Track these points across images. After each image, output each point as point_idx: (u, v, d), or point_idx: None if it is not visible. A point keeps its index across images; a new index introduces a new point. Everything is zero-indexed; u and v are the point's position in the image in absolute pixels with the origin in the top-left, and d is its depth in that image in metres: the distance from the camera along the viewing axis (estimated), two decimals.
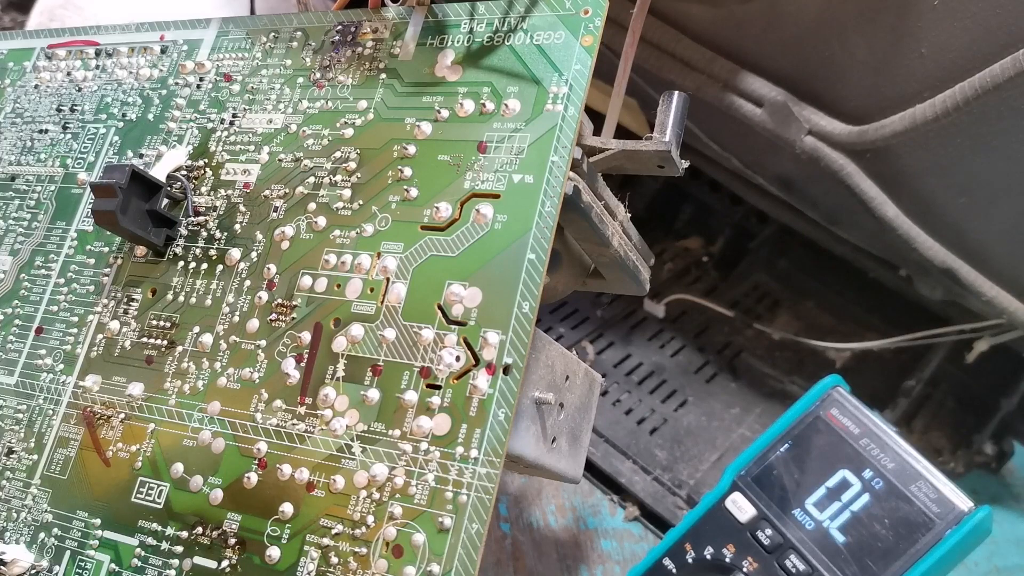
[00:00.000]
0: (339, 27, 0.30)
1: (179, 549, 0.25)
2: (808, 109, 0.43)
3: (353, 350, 0.25)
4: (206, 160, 0.31)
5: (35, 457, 0.29)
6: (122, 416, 0.28)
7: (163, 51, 0.34)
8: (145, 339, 0.29)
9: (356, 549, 0.23)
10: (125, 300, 0.30)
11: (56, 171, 0.34)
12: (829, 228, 0.54)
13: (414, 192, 0.26)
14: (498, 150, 0.25)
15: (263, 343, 0.27)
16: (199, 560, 0.25)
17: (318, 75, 0.30)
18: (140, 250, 0.31)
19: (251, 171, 0.30)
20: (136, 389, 0.28)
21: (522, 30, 0.26)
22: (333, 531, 0.23)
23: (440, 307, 0.24)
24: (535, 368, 0.26)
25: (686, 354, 0.61)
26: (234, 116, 0.31)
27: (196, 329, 0.28)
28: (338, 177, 0.28)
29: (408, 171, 0.26)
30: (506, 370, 0.23)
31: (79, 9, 0.55)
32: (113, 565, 0.26)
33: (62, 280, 0.32)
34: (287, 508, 0.24)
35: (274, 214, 0.28)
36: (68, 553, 0.27)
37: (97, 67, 0.36)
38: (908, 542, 0.33)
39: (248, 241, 0.28)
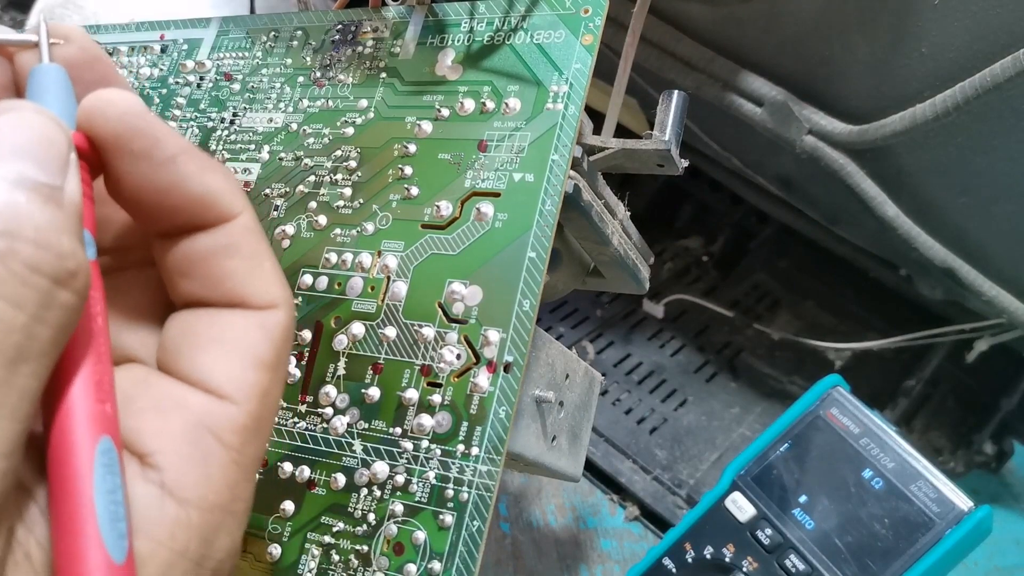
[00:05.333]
0: (339, 26, 0.30)
1: None
2: (808, 108, 0.43)
3: (354, 348, 0.25)
4: None
5: None
6: None
7: (163, 50, 0.34)
8: None
9: (357, 547, 0.23)
10: None
11: None
12: (829, 228, 0.55)
13: (415, 191, 0.26)
14: (499, 149, 0.25)
15: None
16: None
17: (318, 74, 0.30)
18: None
19: (251, 170, 0.30)
20: None
21: (522, 29, 0.26)
22: (334, 529, 0.23)
23: (441, 305, 0.24)
24: (535, 366, 0.26)
25: (686, 354, 0.61)
26: (234, 115, 0.31)
27: None
28: (339, 176, 0.28)
29: (409, 170, 0.26)
30: (507, 368, 0.23)
31: (79, 8, 0.55)
32: None
33: None
34: (288, 506, 0.24)
35: (275, 212, 0.28)
36: None
37: None
38: (908, 542, 0.33)
39: None
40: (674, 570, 0.37)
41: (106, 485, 0.14)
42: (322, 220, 0.27)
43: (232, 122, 0.31)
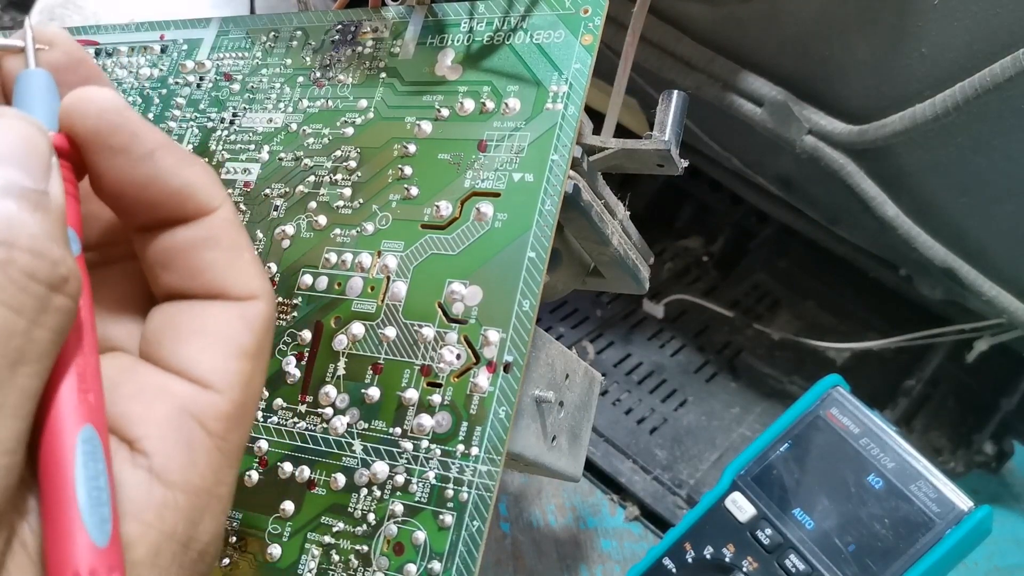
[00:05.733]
0: (339, 26, 0.30)
1: None
2: (808, 108, 0.43)
3: (354, 348, 0.25)
4: (206, 159, 0.31)
5: None
6: None
7: (163, 50, 0.34)
8: None
9: (357, 547, 0.23)
10: None
11: None
12: (829, 228, 0.55)
13: (414, 191, 0.26)
14: (498, 149, 0.25)
15: None
16: None
17: (318, 74, 0.30)
18: None
19: (251, 170, 0.30)
20: None
21: (522, 29, 0.26)
22: (334, 529, 0.23)
23: (441, 305, 0.24)
24: (535, 366, 0.26)
25: (686, 354, 0.61)
26: (234, 115, 0.31)
27: None
28: (338, 176, 0.28)
29: (408, 170, 0.26)
30: (507, 368, 0.23)
31: (79, 8, 0.55)
32: None
33: None
34: (288, 506, 0.24)
35: (274, 213, 0.28)
36: None
37: None
38: (908, 542, 0.33)
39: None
40: (674, 570, 0.37)
41: (88, 472, 0.14)
42: (322, 220, 0.27)
43: (232, 122, 0.31)
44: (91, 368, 0.15)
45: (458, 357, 0.23)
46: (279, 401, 0.25)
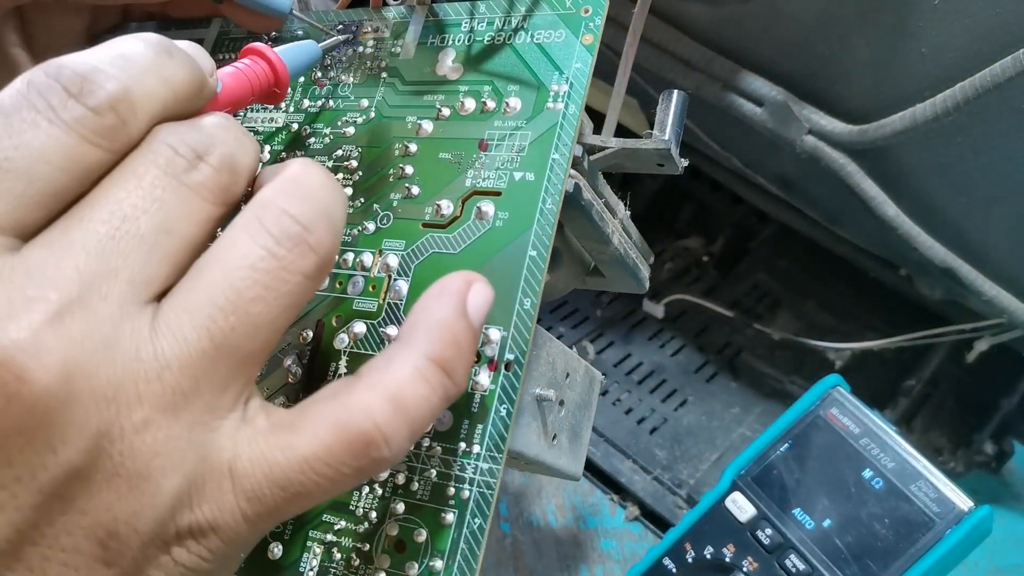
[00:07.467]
0: (340, 26, 0.30)
1: None
2: (808, 108, 0.43)
3: (355, 347, 0.25)
4: None
5: None
6: None
7: None
8: None
9: (359, 545, 0.23)
10: None
11: None
12: (829, 228, 0.55)
13: (416, 190, 0.26)
14: (499, 148, 0.25)
15: None
16: None
17: (319, 74, 0.30)
18: None
19: None
20: None
21: (523, 29, 0.27)
22: (336, 527, 0.23)
23: None
24: (536, 365, 0.26)
25: (686, 354, 0.61)
26: (235, 115, 0.31)
27: None
28: (339, 175, 0.28)
29: (409, 169, 0.26)
30: (507, 366, 0.23)
31: None
32: None
33: None
34: None
35: None
36: None
37: None
38: (908, 542, 0.33)
39: None
40: (674, 570, 0.37)
41: None
42: None
43: None
44: None
45: None
46: (280, 400, 0.26)
